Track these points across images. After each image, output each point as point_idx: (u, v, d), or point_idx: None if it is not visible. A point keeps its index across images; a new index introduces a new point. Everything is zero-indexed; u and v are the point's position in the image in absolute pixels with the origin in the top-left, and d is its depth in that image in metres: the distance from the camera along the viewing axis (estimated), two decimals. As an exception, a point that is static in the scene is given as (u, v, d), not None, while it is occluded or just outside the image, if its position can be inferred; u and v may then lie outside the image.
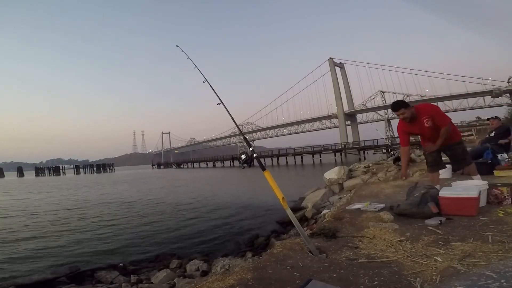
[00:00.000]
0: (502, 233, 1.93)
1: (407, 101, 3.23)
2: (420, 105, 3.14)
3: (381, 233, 2.19)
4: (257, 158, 2.25)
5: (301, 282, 1.45)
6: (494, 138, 4.88)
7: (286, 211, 1.97)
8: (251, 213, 8.35)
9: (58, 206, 12.41)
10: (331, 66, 64.11)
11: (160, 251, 5.33)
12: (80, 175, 68.96)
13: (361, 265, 1.68)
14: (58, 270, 3.99)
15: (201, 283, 1.67)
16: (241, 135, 2.47)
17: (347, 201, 4.11)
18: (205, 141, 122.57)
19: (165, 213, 9.44)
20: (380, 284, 1.43)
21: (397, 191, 4.04)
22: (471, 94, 49.67)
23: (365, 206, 3.03)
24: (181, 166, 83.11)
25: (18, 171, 77.59)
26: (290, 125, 75.07)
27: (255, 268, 1.75)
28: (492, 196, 2.68)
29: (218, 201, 11.06)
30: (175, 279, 3.47)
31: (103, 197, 15.05)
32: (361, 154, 40.81)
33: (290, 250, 2.01)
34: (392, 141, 41.18)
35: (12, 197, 17.85)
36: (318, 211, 5.99)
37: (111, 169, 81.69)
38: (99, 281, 3.82)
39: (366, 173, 7.87)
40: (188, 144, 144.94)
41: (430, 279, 1.43)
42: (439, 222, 2.27)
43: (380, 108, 62.49)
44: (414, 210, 2.51)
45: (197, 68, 2.75)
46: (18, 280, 3.65)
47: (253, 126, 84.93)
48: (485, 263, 1.51)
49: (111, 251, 5.56)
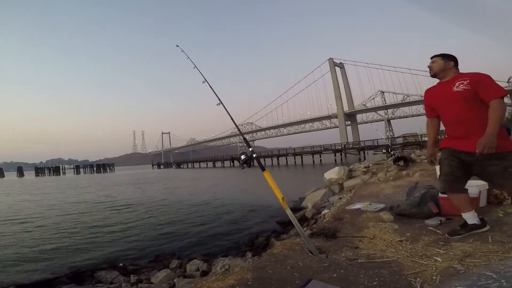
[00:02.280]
0: (502, 233, 1.93)
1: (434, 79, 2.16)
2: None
3: (381, 233, 2.19)
4: (256, 158, 2.25)
5: (301, 282, 1.45)
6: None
7: (286, 211, 1.97)
8: (251, 213, 8.35)
9: (58, 206, 12.41)
10: (331, 66, 64.14)
11: (160, 251, 5.32)
12: (80, 175, 68.92)
13: (361, 265, 1.68)
14: (58, 270, 3.99)
15: (201, 283, 1.67)
16: (241, 135, 2.41)
17: (347, 201, 4.12)
18: (205, 141, 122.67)
19: (165, 213, 9.44)
20: (380, 284, 1.43)
21: (397, 191, 4.04)
22: (471, 94, 49.57)
23: (365, 206, 3.03)
24: (181, 166, 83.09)
25: (18, 171, 77.59)
26: (290, 125, 75.13)
27: (255, 268, 1.75)
28: (492, 196, 2.68)
29: (218, 201, 11.05)
30: (175, 279, 3.46)
31: (103, 198, 15.04)
32: (361, 154, 40.80)
33: (290, 250, 2.01)
34: (392, 141, 41.21)
35: (12, 198, 17.84)
36: (318, 211, 5.98)
37: (111, 169, 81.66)
38: (99, 281, 3.82)
39: (366, 173, 7.87)
40: (188, 144, 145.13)
41: (430, 279, 1.43)
42: (439, 222, 2.27)
43: (380, 108, 62.53)
44: (414, 210, 2.51)
45: (196, 68, 2.75)
46: (18, 280, 3.65)
47: (253, 126, 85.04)
48: (485, 263, 1.51)
49: (111, 251, 5.56)
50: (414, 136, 41.40)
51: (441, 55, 2.13)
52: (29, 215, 10.17)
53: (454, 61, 2.09)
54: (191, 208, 10.01)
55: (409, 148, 29.22)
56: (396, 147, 33.55)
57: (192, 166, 77.87)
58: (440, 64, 2.09)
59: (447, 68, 2.07)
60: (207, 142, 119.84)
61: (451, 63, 2.08)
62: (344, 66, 65.45)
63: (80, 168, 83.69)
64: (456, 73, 2.05)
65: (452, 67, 2.07)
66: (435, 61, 2.12)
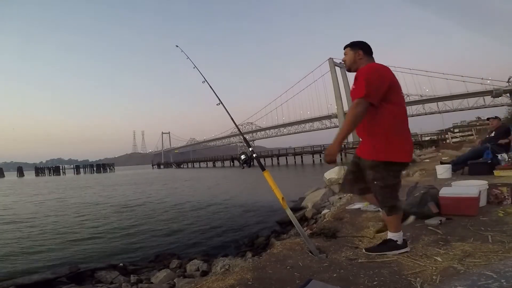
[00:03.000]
0: (502, 233, 1.93)
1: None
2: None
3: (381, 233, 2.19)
4: (256, 158, 2.24)
5: (301, 282, 1.45)
6: (494, 138, 4.88)
7: (286, 211, 1.97)
8: (251, 213, 8.35)
9: (58, 206, 12.41)
10: (331, 66, 64.12)
11: (160, 251, 5.32)
12: (80, 175, 68.94)
13: (361, 265, 1.68)
14: (58, 270, 3.98)
15: (201, 283, 1.67)
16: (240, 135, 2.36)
17: (347, 201, 4.11)
18: (205, 141, 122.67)
19: (165, 213, 9.44)
20: (380, 284, 1.43)
21: (397, 191, 4.03)
22: (471, 94, 49.68)
23: (365, 206, 3.03)
24: (181, 166, 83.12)
25: (18, 171, 77.61)
26: (290, 125, 75.09)
27: (255, 268, 1.75)
28: (492, 196, 2.68)
29: (218, 201, 11.05)
30: (175, 279, 3.46)
31: (103, 198, 15.04)
32: (361, 154, 40.73)
33: (290, 250, 2.02)
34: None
35: (12, 198, 17.84)
36: (318, 211, 5.98)
37: (111, 169, 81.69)
38: (99, 281, 3.81)
39: (366, 173, 7.86)
40: (188, 144, 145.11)
41: (430, 279, 1.43)
42: (439, 222, 2.27)
43: (380, 108, 62.36)
44: (414, 210, 2.50)
45: (196, 68, 2.74)
46: (18, 280, 3.64)
47: (253, 126, 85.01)
48: (485, 263, 1.51)
49: (111, 251, 5.56)
50: (414, 136, 41.43)
51: (350, 44, 1.85)
52: (29, 215, 10.17)
53: (362, 49, 1.81)
54: (191, 208, 10.01)
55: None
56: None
57: (192, 166, 77.89)
58: (351, 56, 1.82)
59: (357, 59, 1.80)
60: (207, 142, 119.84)
61: (359, 52, 1.80)
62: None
63: (80, 168, 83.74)
64: (368, 63, 1.77)
65: (363, 57, 1.80)
66: (346, 52, 1.86)
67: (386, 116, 1.66)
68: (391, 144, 1.67)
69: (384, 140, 1.68)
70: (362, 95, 1.58)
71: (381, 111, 1.65)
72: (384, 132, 1.68)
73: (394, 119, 1.68)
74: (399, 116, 1.71)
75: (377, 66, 1.75)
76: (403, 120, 1.73)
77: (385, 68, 1.74)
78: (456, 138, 20.70)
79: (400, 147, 1.69)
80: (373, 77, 1.64)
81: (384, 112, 1.65)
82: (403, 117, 1.74)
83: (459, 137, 20.63)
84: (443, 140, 25.86)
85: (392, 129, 1.68)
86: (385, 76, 1.68)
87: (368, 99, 1.59)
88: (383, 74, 1.68)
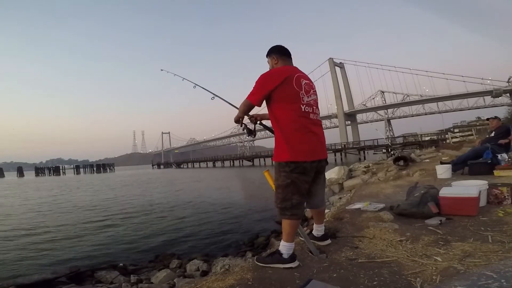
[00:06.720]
0: (502, 233, 1.93)
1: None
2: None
3: (381, 233, 2.19)
4: (261, 123, 2.09)
5: (301, 282, 1.45)
6: (494, 138, 4.88)
7: (286, 211, 1.97)
8: (251, 213, 8.35)
9: (58, 206, 12.41)
10: (331, 66, 64.19)
11: (160, 251, 5.32)
12: (80, 175, 68.95)
13: (361, 265, 1.68)
14: (58, 270, 3.98)
15: (201, 283, 1.67)
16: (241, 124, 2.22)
17: (347, 201, 4.11)
18: (205, 141, 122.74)
19: (165, 213, 9.44)
20: (380, 284, 1.43)
21: (397, 191, 4.03)
22: (471, 94, 49.73)
23: (365, 206, 3.02)
24: (181, 166, 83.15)
25: (18, 171, 77.70)
26: (290, 125, 74.96)
27: (255, 268, 1.75)
28: (492, 196, 2.68)
29: (218, 201, 11.05)
30: (175, 279, 3.47)
31: (103, 198, 15.04)
32: (361, 154, 40.79)
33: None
34: (392, 141, 41.22)
35: (11, 197, 17.84)
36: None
37: (111, 169, 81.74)
38: (99, 281, 3.82)
39: (366, 173, 7.88)
40: (188, 144, 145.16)
41: (430, 279, 1.43)
42: (439, 222, 2.27)
43: (380, 108, 62.55)
44: (414, 210, 2.50)
45: (186, 79, 2.74)
46: (18, 280, 3.64)
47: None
48: (485, 263, 1.51)
49: (111, 251, 5.56)
50: (414, 136, 41.47)
51: (267, 53, 1.86)
52: (29, 215, 10.18)
53: (275, 52, 1.81)
54: (191, 208, 10.02)
55: (409, 148, 29.27)
56: (396, 147, 33.59)
57: (192, 166, 77.95)
58: (270, 64, 1.85)
59: (274, 64, 1.81)
60: (207, 142, 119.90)
61: (274, 57, 1.81)
62: (344, 66, 65.51)
63: (80, 168, 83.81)
64: (283, 65, 1.78)
65: (278, 61, 1.80)
66: (268, 61, 1.86)
67: (281, 119, 1.71)
68: (282, 145, 1.70)
69: (278, 142, 1.73)
70: (247, 100, 1.73)
71: (276, 114, 1.72)
72: (279, 135, 1.71)
73: (286, 120, 1.69)
74: (292, 117, 1.69)
75: (271, 70, 1.78)
76: (295, 120, 1.69)
77: (281, 70, 1.73)
78: (456, 138, 20.69)
79: (290, 147, 1.67)
80: (260, 81, 1.71)
81: (278, 115, 1.71)
82: (296, 117, 1.69)
83: (459, 137, 20.63)
84: (443, 140, 25.90)
85: (287, 129, 1.68)
86: (273, 78, 1.68)
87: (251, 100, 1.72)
88: (272, 77, 1.70)
